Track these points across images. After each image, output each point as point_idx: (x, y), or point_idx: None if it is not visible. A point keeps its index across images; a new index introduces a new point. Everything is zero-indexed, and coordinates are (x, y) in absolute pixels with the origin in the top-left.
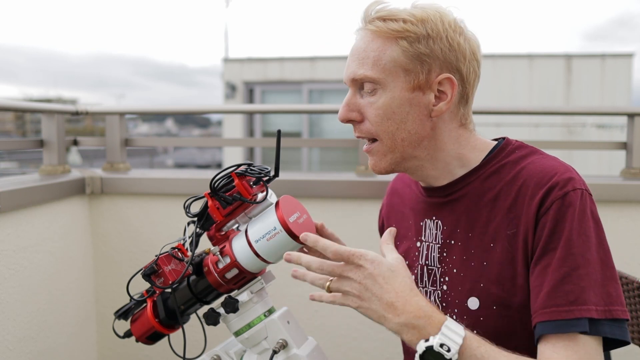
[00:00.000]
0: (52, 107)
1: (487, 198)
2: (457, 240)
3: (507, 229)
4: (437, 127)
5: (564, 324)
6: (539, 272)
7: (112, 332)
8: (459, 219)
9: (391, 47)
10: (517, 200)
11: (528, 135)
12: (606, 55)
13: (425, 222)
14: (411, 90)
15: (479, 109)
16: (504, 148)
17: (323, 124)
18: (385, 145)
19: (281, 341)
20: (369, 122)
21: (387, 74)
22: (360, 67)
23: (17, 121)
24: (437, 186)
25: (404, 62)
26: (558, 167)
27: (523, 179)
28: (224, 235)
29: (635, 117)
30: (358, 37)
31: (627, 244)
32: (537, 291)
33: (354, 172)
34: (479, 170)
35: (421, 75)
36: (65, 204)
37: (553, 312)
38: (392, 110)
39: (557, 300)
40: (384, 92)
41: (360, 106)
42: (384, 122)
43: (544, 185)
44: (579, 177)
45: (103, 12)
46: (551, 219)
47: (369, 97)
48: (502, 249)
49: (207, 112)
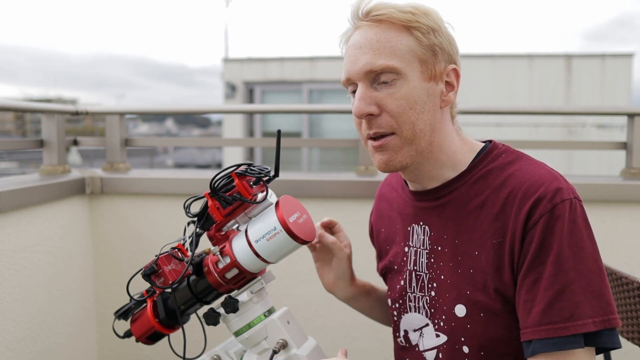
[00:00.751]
0: (52, 107)
1: (473, 204)
2: (444, 247)
3: (493, 237)
4: (442, 120)
5: (560, 342)
6: (528, 287)
7: (112, 332)
8: (445, 225)
9: (406, 37)
10: (504, 210)
11: (528, 135)
12: (606, 55)
13: (413, 227)
14: (427, 80)
15: (479, 109)
16: (490, 152)
17: (323, 124)
18: (403, 137)
19: (281, 341)
20: (387, 115)
21: (407, 64)
22: (378, 57)
23: (17, 121)
24: (425, 190)
25: (420, 52)
26: (545, 177)
27: (510, 187)
28: (224, 235)
29: (635, 117)
30: (361, 31)
31: (627, 244)
32: (528, 306)
33: (354, 172)
34: (466, 175)
35: (435, 65)
36: (65, 204)
37: (549, 330)
38: (414, 99)
39: (552, 318)
40: (404, 82)
41: (378, 99)
42: (406, 112)
43: (531, 196)
44: (566, 184)
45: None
46: (539, 233)
47: (386, 89)
48: (487, 257)
49: (207, 112)
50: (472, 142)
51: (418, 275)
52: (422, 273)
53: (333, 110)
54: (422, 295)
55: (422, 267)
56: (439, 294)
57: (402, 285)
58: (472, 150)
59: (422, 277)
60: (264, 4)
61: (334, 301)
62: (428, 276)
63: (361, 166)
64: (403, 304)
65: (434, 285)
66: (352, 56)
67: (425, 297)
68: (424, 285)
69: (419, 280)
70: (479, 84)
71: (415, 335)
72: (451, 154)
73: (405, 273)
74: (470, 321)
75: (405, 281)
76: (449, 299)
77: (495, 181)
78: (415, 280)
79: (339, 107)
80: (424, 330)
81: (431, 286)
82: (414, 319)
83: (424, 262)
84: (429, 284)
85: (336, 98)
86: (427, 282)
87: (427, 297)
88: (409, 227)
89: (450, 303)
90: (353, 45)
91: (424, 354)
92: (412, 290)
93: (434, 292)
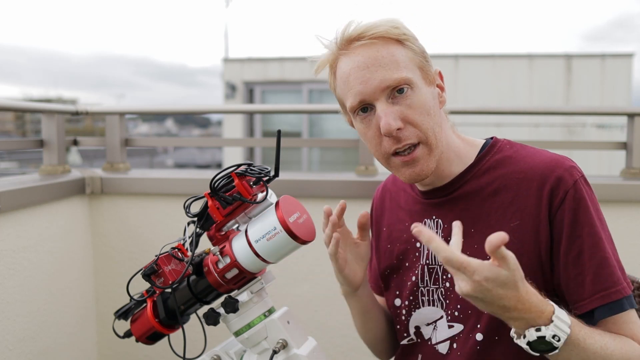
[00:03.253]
0: (52, 107)
1: (485, 193)
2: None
3: (511, 221)
4: (444, 120)
5: (616, 305)
6: (573, 262)
7: (112, 332)
8: (459, 216)
9: (402, 49)
10: (518, 194)
11: (528, 135)
12: (606, 55)
13: (425, 222)
14: (428, 84)
15: (479, 109)
16: (494, 145)
17: (323, 124)
18: (428, 145)
19: (281, 341)
20: (410, 126)
21: (413, 73)
22: (390, 71)
23: (17, 121)
24: (437, 187)
25: (417, 60)
26: (557, 157)
27: (523, 172)
28: (224, 235)
29: (635, 117)
30: (357, 54)
31: (627, 244)
32: (580, 280)
33: (354, 172)
34: (474, 168)
35: (429, 70)
36: (65, 204)
37: (603, 297)
38: (428, 105)
39: (602, 285)
40: (414, 91)
41: (399, 112)
42: (426, 119)
43: (549, 175)
44: (576, 163)
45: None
46: (569, 209)
47: (403, 101)
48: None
49: (207, 112)
50: (470, 139)
51: (431, 268)
52: (435, 265)
53: (333, 110)
54: (437, 288)
55: (436, 259)
56: (454, 284)
57: (414, 280)
58: (473, 146)
59: (436, 269)
60: (264, 4)
61: (334, 301)
62: (442, 267)
63: (361, 166)
64: (414, 300)
65: (449, 276)
66: (359, 78)
67: (440, 289)
68: (438, 277)
69: (433, 273)
70: (479, 84)
71: (429, 329)
72: (456, 150)
73: (417, 268)
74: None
75: (417, 276)
76: None
77: (506, 169)
78: (428, 274)
79: (339, 107)
80: (438, 322)
81: (445, 277)
82: (427, 312)
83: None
84: (443, 275)
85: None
86: (442, 274)
87: (442, 289)
88: (420, 223)
89: None
90: (357, 68)
91: (436, 346)
92: (424, 284)
93: (449, 283)
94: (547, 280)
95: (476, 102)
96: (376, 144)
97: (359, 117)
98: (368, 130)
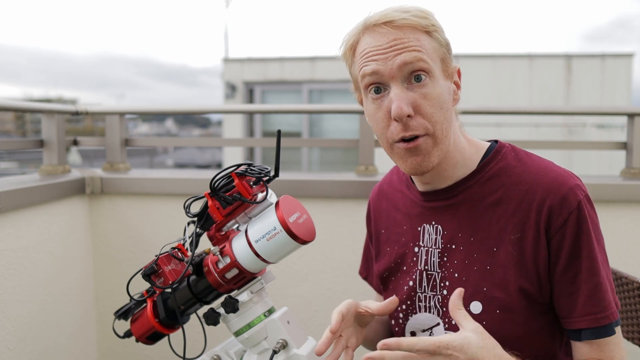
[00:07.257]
0: (52, 107)
1: (488, 202)
2: (459, 245)
3: (512, 233)
4: (454, 118)
5: (602, 330)
6: (570, 280)
7: (112, 332)
8: (460, 223)
9: (428, 38)
10: (521, 206)
11: (528, 135)
12: (606, 55)
13: (424, 227)
14: (446, 78)
15: (479, 109)
16: (499, 150)
17: (323, 124)
18: (435, 138)
19: (281, 341)
20: (420, 117)
21: (434, 62)
22: (412, 53)
23: (17, 121)
24: (436, 189)
25: (441, 51)
26: (561, 174)
27: (527, 184)
28: (224, 235)
29: (635, 117)
30: (383, 33)
31: (627, 244)
32: (574, 298)
33: (354, 172)
34: (479, 174)
35: (450, 64)
36: (65, 204)
37: (591, 320)
38: (443, 99)
39: (593, 309)
40: (433, 81)
41: (412, 99)
42: (437, 113)
43: (553, 192)
44: (580, 181)
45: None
46: (571, 230)
47: (419, 89)
48: (506, 253)
49: (207, 112)
50: (476, 141)
51: (429, 274)
52: (433, 272)
53: (333, 110)
54: (434, 295)
55: (434, 266)
56: (452, 292)
57: (411, 285)
58: (478, 149)
59: (434, 276)
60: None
61: (334, 301)
62: (440, 275)
63: (361, 166)
64: (412, 305)
65: (446, 284)
66: (380, 54)
67: (437, 297)
68: (435, 284)
69: (430, 280)
70: (479, 84)
71: (425, 336)
72: (462, 152)
73: (415, 273)
74: (486, 318)
75: (414, 281)
76: (464, 296)
77: (510, 178)
78: (426, 280)
79: (339, 107)
80: (434, 329)
81: (443, 285)
82: (424, 319)
83: (435, 262)
84: (441, 282)
85: (336, 98)
86: (439, 281)
87: (439, 297)
88: (419, 228)
89: (465, 301)
90: (379, 46)
91: None
92: (422, 290)
93: (446, 291)
94: (544, 292)
95: (476, 102)
96: (383, 126)
97: (370, 97)
98: (378, 112)
